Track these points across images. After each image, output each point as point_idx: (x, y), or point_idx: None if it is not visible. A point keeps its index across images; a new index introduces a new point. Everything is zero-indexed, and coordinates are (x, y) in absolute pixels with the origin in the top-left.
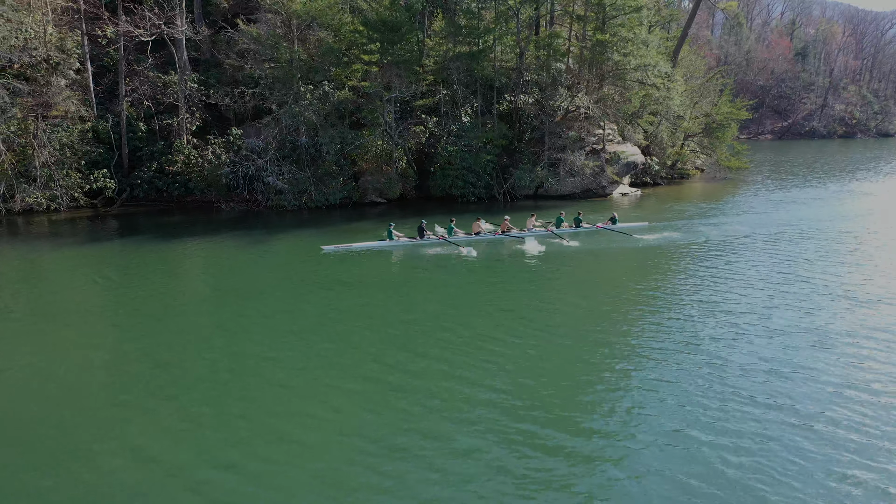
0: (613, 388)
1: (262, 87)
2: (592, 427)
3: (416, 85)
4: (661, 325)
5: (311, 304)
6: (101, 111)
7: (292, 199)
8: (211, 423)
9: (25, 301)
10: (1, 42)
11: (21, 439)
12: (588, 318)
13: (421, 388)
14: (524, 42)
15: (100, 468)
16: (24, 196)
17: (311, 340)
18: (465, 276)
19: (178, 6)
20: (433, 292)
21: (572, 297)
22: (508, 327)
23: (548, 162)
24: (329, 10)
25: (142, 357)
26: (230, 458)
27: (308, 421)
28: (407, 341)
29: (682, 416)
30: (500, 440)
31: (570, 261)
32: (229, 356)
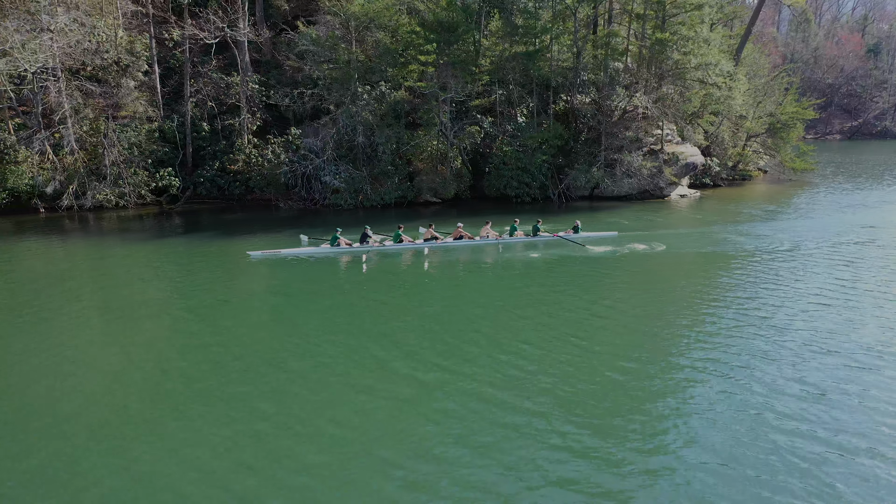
0: (654, 397)
1: (320, 88)
2: (634, 435)
3: (472, 85)
4: (706, 337)
5: (362, 303)
6: (167, 112)
7: (348, 198)
8: (256, 422)
9: (90, 293)
10: (75, 46)
11: (71, 431)
12: (632, 323)
13: (457, 390)
14: (581, 41)
15: (135, 463)
16: (95, 193)
17: (357, 339)
18: (523, 279)
19: (240, 9)
20: (450, 293)
21: (606, 304)
22: (544, 333)
23: (604, 163)
24: (387, 11)
25: (195, 353)
26: (270, 457)
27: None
28: (434, 343)
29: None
30: (537, 446)
31: (596, 265)
32: (281, 353)
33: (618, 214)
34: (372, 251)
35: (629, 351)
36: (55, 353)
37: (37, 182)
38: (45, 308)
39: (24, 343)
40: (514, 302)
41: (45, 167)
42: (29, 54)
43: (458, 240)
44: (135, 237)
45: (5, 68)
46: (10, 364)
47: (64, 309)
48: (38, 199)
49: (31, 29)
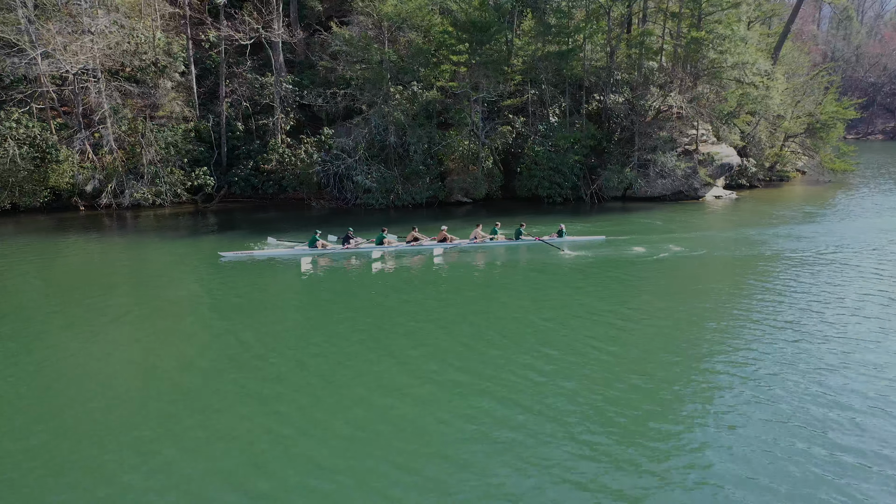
0: (681, 404)
1: (353, 88)
2: (659, 444)
3: (504, 85)
4: (736, 343)
5: (388, 304)
6: (202, 112)
7: (380, 198)
8: (299, 422)
9: (125, 290)
10: (115, 47)
11: (106, 426)
12: (660, 328)
13: (479, 393)
14: (615, 40)
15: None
16: (133, 192)
17: (381, 340)
18: (550, 281)
19: (275, 10)
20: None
21: (634, 307)
22: (569, 337)
23: (637, 163)
24: (419, 11)
25: (219, 351)
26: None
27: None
28: (456, 345)
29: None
30: (561, 453)
31: (638, 268)
32: (304, 353)
33: (650, 215)
34: (355, 253)
35: (656, 356)
36: (86, 349)
37: (77, 180)
38: (81, 304)
39: (59, 338)
40: (539, 304)
41: (86, 166)
42: (70, 56)
43: (441, 242)
44: (170, 235)
45: (48, 69)
46: (45, 358)
47: (99, 305)
48: (78, 198)
49: (72, 31)
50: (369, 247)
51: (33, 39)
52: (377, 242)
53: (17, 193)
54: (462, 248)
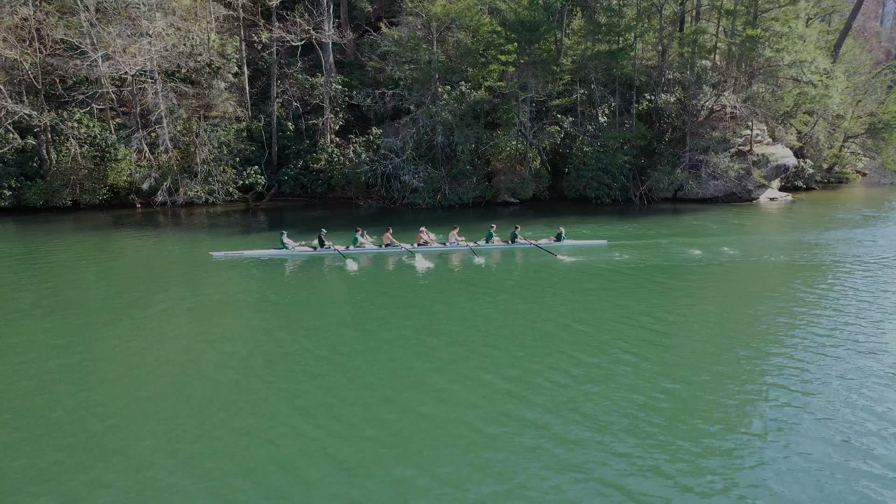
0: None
1: (401, 88)
2: (696, 457)
3: (553, 84)
4: (784, 353)
5: (429, 300)
6: (254, 112)
7: (427, 198)
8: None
9: (176, 286)
10: (171, 49)
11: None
12: (703, 335)
13: (510, 396)
14: (667, 39)
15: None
16: (187, 190)
17: (420, 340)
18: (589, 284)
19: (326, 12)
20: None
21: (691, 312)
22: (606, 343)
23: (688, 164)
24: (468, 11)
25: (259, 347)
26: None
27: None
28: (494, 347)
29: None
30: (597, 462)
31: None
32: (342, 350)
33: (702, 218)
34: (331, 254)
35: (699, 362)
36: (130, 343)
37: (134, 179)
38: (131, 299)
39: (107, 332)
40: (580, 307)
41: (142, 165)
42: (129, 58)
43: (422, 245)
44: (222, 233)
45: (108, 71)
46: (94, 354)
47: (147, 300)
48: (134, 195)
49: (131, 34)
50: (346, 250)
51: (95, 42)
52: (353, 244)
53: (77, 191)
54: (449, 251)
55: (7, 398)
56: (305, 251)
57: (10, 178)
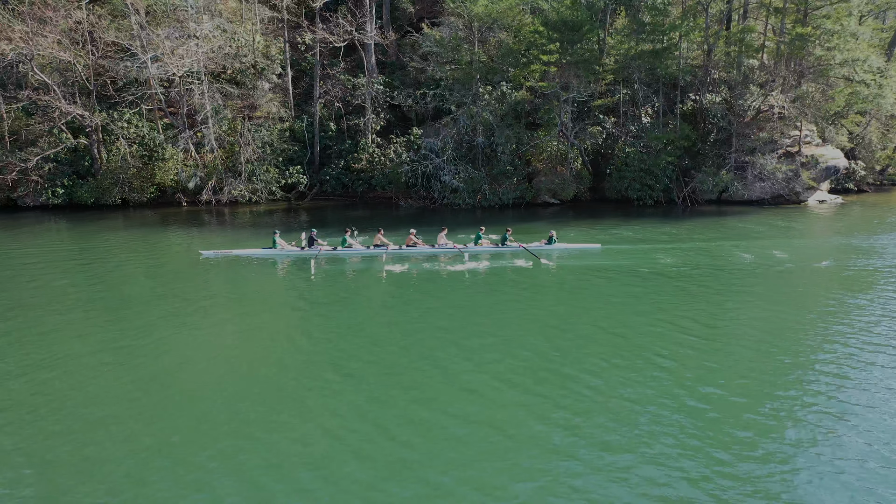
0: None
1: (442, 89)
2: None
3: (595, 84)
4: (828, 364)
5: (470, 301)
6: (297, 112)
7: (466, 198)
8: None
9: (220, 284)
10: (217, 51)
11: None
12: (743, 343)
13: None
14: (713, 38)
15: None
16: (231, 189)
17: (463, 343)
18: (630, 287)
19: (368, 13)
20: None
21: (736, 317)
22: (675, 338)
23: (734, 165)
24: (510, 11)
25: (303, 344)
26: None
27: (479, 420)
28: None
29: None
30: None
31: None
32: (388, 349)
33: (746, 220)
34: (320, 255)
35: (742, 369)
36: (176, 341)
37: (180, 177)
38: (181, 297)
39: (159, 329)
40: (617, 311)
41: (188, 164)
42: (177, 59)
43: (410, 247)
44: (264, 232)
45: (156, 72)
46: (137, 351)
47: (193, 297)
48: (180, 194)
49: (179, 36)
50: (334, 251)
51: (144, 44)
52: (342, 245)
53: (126, 189)
54: (437, 253)
55: (49, 391)
56: (293, 251)
57: (64, 177)
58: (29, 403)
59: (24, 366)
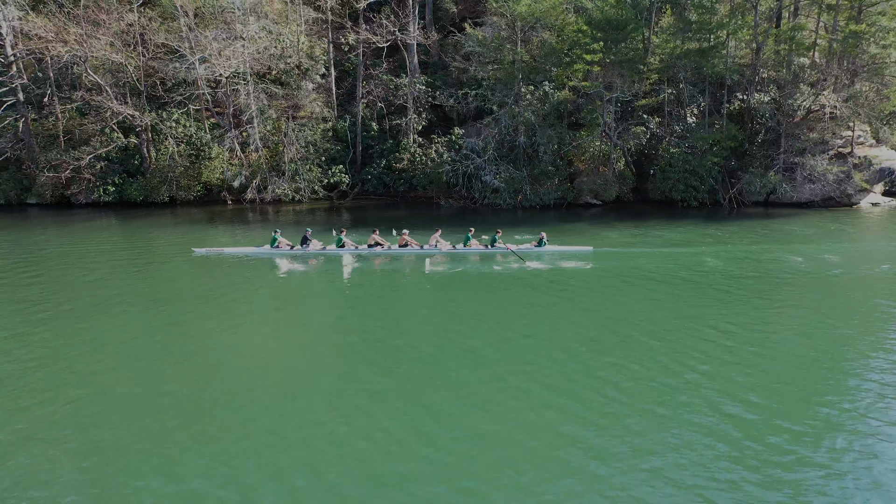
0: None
1: (484, 89)
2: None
3: (639, 84)
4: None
5: (514, 302)
6: (340, 112)
7: (507, 198)
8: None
9: (263, 281)
10: (263, 52)
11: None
12: (807, 346)
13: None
14: (762, 36)
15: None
16: (275, 188)
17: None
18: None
19: (411, 14)
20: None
21: (782, 323)
22: (711, 346)
23: (782, 166)
24: (553, 10)
25: (339, 343)
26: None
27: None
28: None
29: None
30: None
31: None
32: (427, 350)
33: (796, 223)
34: (315, 254)
35: (786, 379)
36: (222, 338)
37: (226, 176)
38: (226, 296)
39: (204, 326)
40: (659, 315)
41: (234, 163)
42: (224, 60)
43: (403, 247)
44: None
45: (204, 73)
46: (176, 346)
47: (235, 294)
48: (226, 192)
49: (226, 37)
50: (329, 250)
51: (192, 46)
52: (337, 245)
53: (174, 187)
54: (429, 254)
55: (89, 381)
56: (282, 250)
57: (114, 175)
58: (68, 394)
59: (68, 356)
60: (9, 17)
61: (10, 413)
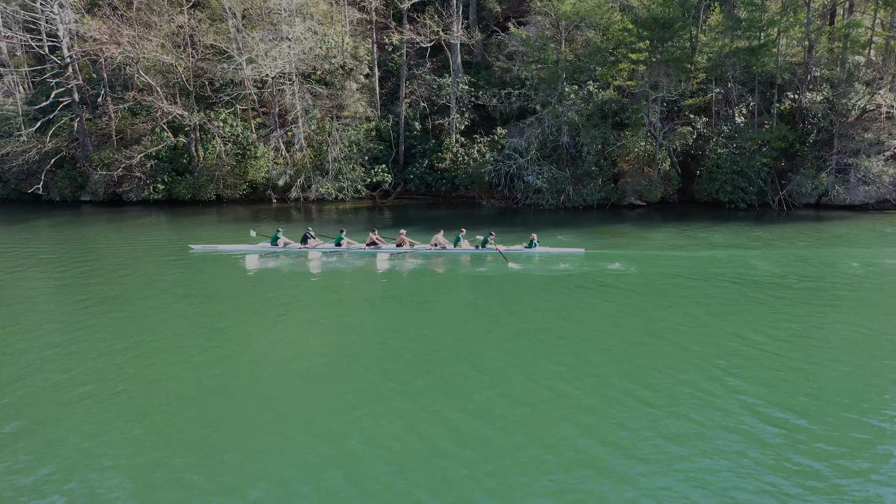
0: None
1: (527, 88)
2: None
3: (686, 83)
4: None
5: (577, 306)
6: (383, 112)
7: (550, 199)
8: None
9: (307, 280)
10: (308, 52)
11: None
12: (867, 354)
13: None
14: (815, 34)
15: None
16: (318, 186)
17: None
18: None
19: (455, 13)
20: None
21: (835, 329)
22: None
23: (835, 167)
24: (598, 9)
25: (373, 344)
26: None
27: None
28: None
29: None
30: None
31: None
32: (467, 351)
33: (849, 226)
34: (317, 251)
35: (832, 390)
36: (261, 338)
37: (271, 175)
38: (269, 295)
39: (252, 324)
40: (705, 321)
41: (279, 162)
42: (270, 61)
43: (399, 247)
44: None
45: (251, 74)
46: (232, 348)
47: (278, 294)
48: (270, 191)
49: (272, 38)
50: (327, 247)
51: (240, 47)
52: (335, 244)
53: (221, 186)
54: (422, 254)
55: (137, 375)
56: (279, 248)
57: (164, 174)
58: (113, 386)
59: (114, 350)
60: (66, 20)
61: (61, 406)
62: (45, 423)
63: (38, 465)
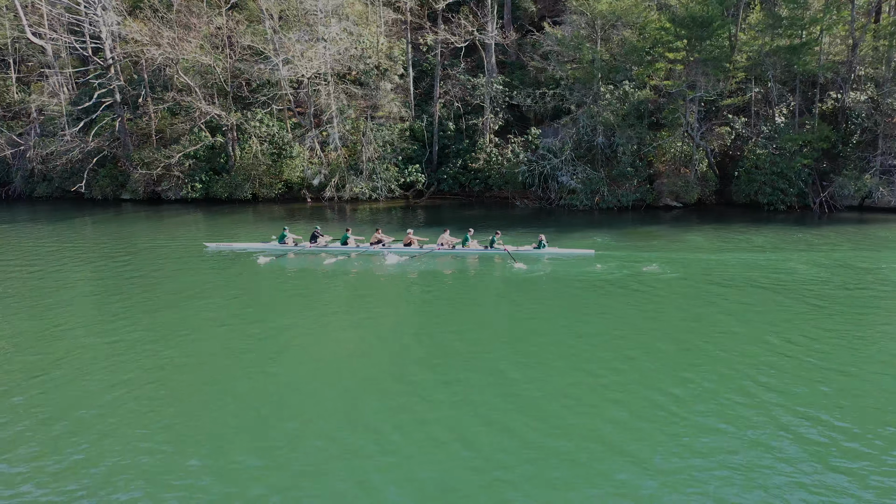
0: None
1: (562, 88)
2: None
3: (724, 83)
4: None
5: (589, 312)
6: (417, 112)
7: (584, 199)
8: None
9: (340, 279)
10: (343, 53)
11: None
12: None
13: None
14: (859, 32)
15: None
16: (353, 186)
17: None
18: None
19: (489, 13)
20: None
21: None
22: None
23: (880, 169)
24: (635, 7)
25: (415, 341)
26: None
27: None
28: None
29: None
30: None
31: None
32: (498, 353)
33: (892, 229)
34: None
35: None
36: (298, 338)
37: (306, 174)
38: (302, 292)
39: (281, 321)
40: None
41: (314, 162)
42: (306, 61)
43: (407, 246)
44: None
45: (287, 74)
46: (261, 344)
47: (312, 293)
48: (305, 190)
49: (308, 39)
50: (335, 247)
51: (277, 48)
52: (342, 242)
53: (257, 185)
54: (431, 254)
55: (174, 374)
56: (288, 246)
57: (202, 173)
58: (144, 383)
59: (144, 345)
60: (108, 22)
61: (88, 396)
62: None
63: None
